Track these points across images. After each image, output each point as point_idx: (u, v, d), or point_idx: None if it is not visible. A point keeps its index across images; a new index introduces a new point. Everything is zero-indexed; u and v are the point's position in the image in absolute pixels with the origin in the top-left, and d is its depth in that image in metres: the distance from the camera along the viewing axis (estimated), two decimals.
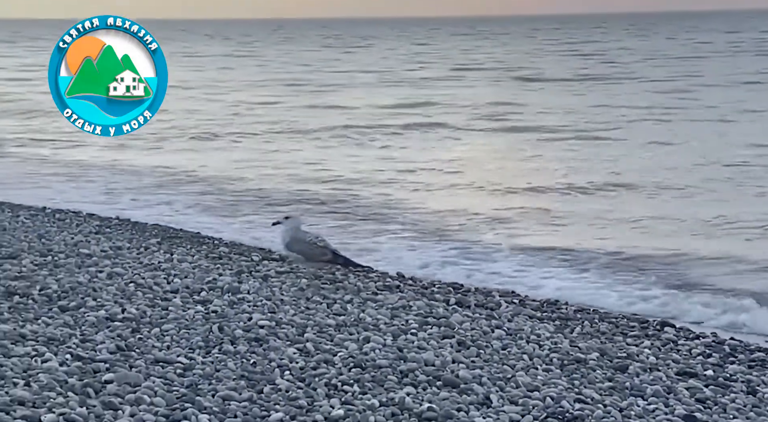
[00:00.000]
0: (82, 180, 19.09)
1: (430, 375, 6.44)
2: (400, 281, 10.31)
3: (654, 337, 8.53)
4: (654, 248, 12.93)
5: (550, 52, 73.41)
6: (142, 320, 7.21)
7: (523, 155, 22.38)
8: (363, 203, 16.43)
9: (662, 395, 6.61)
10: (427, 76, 48.53)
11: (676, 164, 20.26)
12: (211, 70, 56.16)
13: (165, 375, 5.97)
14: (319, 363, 6.49)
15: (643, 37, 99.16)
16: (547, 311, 9.35)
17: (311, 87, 43.26)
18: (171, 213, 15.46)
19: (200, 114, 32.33)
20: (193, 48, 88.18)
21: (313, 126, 28.28)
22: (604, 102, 33.97)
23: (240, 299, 8.18)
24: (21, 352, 6.10)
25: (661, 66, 52.48)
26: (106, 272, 8.80)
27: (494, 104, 33.74)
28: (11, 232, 11.13)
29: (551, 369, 6.97)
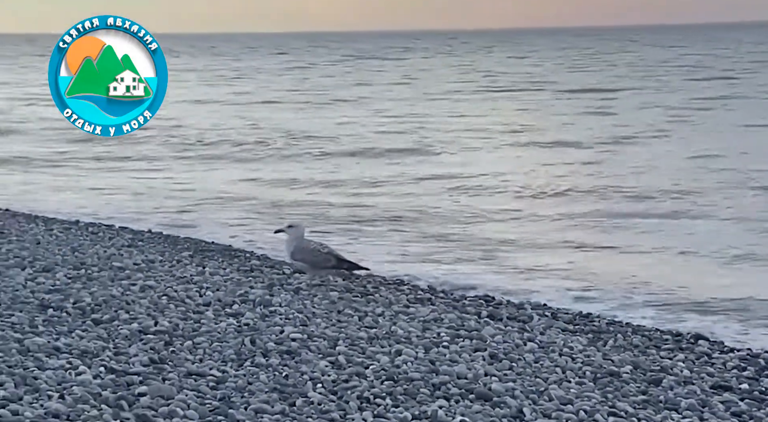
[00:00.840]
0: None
1: (463, 387, 6.42)
2: (431, 293, 10.30)
3: (688, 350, 8.47)
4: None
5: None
6: (175, 333, 7.24)
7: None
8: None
9: (697, 409, 6.56)
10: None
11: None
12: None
13: (198, 388, 5.98)
14: (351, 376, 6.49)
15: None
16: (579, 324, 9.31)
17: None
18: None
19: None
20: (261, 61, 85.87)
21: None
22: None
23: (272, 312, 8.20)
24: (55, 365, 6.14)
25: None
26: (138, 286, 8.84)
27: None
28: (45, 245, 11.21)
29: (584, 382, 6.94)
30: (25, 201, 17.53)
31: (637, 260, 13.03)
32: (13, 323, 7.08)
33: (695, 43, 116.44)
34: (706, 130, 29.19)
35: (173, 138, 29.32)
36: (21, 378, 5.78)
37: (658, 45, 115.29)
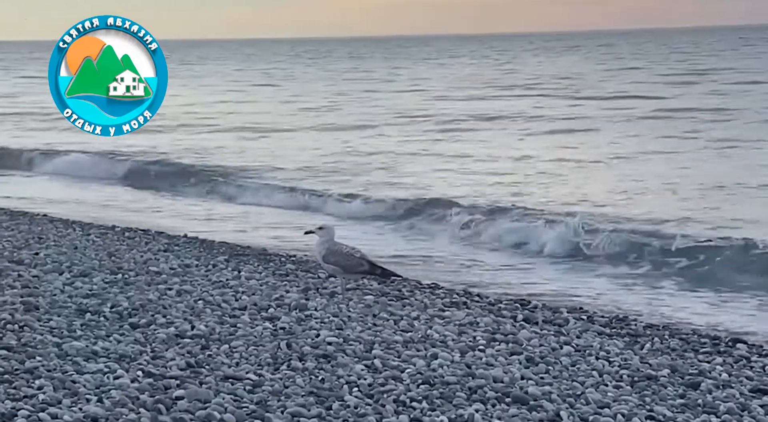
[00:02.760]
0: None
1: (499, 391, 6.40)
2: (467, 297, 10.28)
3: (726, 354, 8.40)
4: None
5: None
6: (211, 337, 7.27)
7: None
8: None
9: (736, 412, 6.50)
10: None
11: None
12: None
13: (234, 392, 6.01)
14: (387, 380, 6.48)
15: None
16: (615, 328, 9.25)
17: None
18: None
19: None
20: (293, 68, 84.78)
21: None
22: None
23: (307, 316, 8.21)
24: (93, 369, 6.18)
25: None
26: (175, 290, 8.88)
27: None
28: (82, 250, 11.30)
29: (621, 386, 6.89)
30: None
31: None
32: (51, 327, 7.14)
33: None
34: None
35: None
36: (60, 382, 5.83)
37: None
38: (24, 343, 6.60)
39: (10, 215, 15.33)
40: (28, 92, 52.59)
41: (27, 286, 8.49)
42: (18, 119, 38.54)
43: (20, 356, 6.28)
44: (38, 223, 14.30)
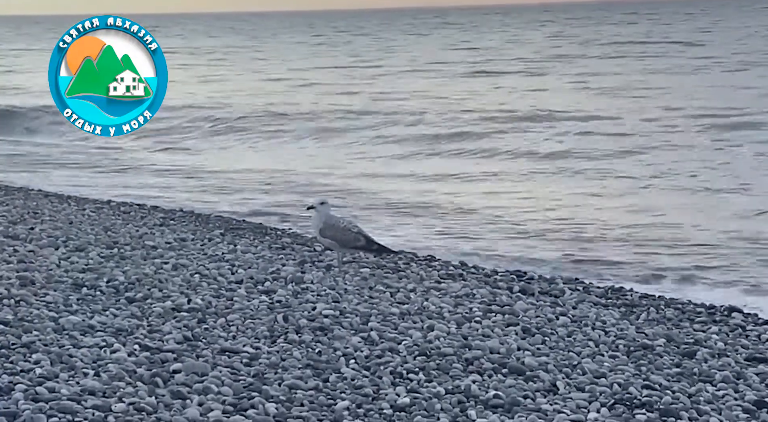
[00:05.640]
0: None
1: (496, 362, 6.42)
2: (463, 269, 10.29)
3: (721, 323, 8.42)
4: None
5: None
6: (208, 310, 7.27)
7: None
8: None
9: (732, 381, 6.53)
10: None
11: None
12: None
13: (231, 365, 6.02)
14: (384, 352, 6.50)
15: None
16: (611, 298, 9.28)
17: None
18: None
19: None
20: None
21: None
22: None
23: (304, 289, 8.22)
24: (90, 343, 6.19)
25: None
26: (171, 264, 8.88)
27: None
28: (78, 225, 11.29)
29: (617, 356, 6.92)
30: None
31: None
32: (48, 302, 7.14)
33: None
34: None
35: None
36: (57, 356, 5.84)
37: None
38: (20, 318, 6.61)
39: (4, 190, 15.31)
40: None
41: (23, 261, 8.49)
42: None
43: (17, 330, 6.28)
44: (33, 198, 14.28)
